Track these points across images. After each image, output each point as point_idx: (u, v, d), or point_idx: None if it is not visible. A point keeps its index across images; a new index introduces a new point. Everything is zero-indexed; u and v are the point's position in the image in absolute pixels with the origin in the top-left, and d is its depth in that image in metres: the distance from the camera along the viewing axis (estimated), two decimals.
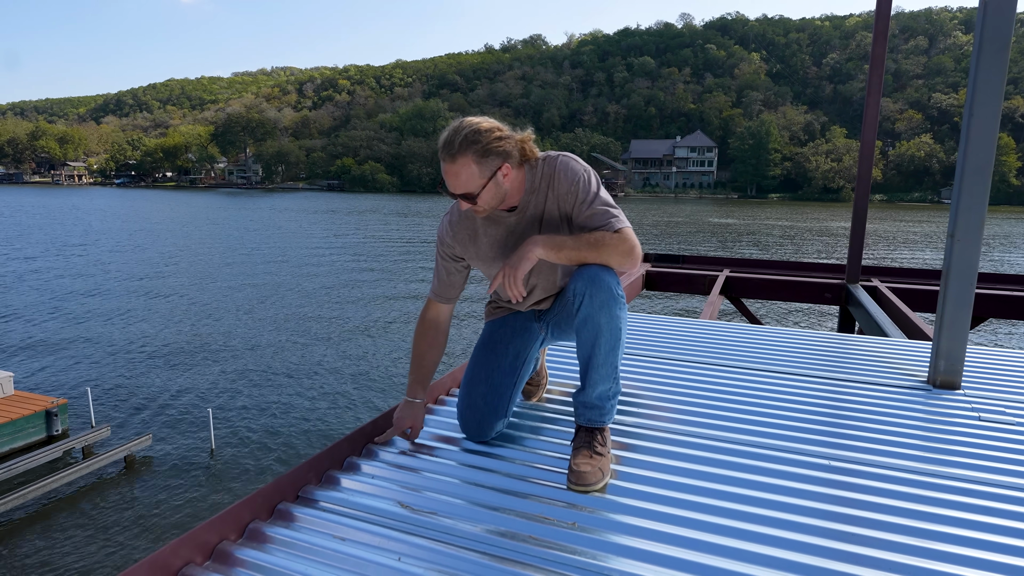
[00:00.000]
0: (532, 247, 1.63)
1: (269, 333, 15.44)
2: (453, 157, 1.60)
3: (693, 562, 1.34)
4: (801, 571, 1.31)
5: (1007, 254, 30.87)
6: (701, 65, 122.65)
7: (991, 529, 1.47)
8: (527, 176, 1.74)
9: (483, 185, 1.63)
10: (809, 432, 1.99)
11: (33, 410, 9.61)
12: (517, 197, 1.75)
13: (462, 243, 1.85)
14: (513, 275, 1.62)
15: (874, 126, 4.83)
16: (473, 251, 1.85)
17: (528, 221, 1.77)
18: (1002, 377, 2.59)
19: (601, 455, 1.69)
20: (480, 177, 1.62)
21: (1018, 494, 1.63)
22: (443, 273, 1.91)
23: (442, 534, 1.46)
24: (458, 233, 1.85)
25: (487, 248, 1.83)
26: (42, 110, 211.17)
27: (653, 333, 3.22)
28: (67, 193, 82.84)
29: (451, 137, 1.61)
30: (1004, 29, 2.15)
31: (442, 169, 1.64)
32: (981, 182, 2.25)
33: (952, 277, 2.35)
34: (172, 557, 1.31)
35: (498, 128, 1.64)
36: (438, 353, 1.97)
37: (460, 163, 1.60)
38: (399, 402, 2.00)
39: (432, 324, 1.95)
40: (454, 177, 1.62)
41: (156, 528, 7.43)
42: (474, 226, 1.83)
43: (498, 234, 1.80)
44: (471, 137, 1.60)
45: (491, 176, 1.63)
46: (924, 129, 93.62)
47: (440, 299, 1.94)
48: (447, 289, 1.93)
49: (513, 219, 1.77)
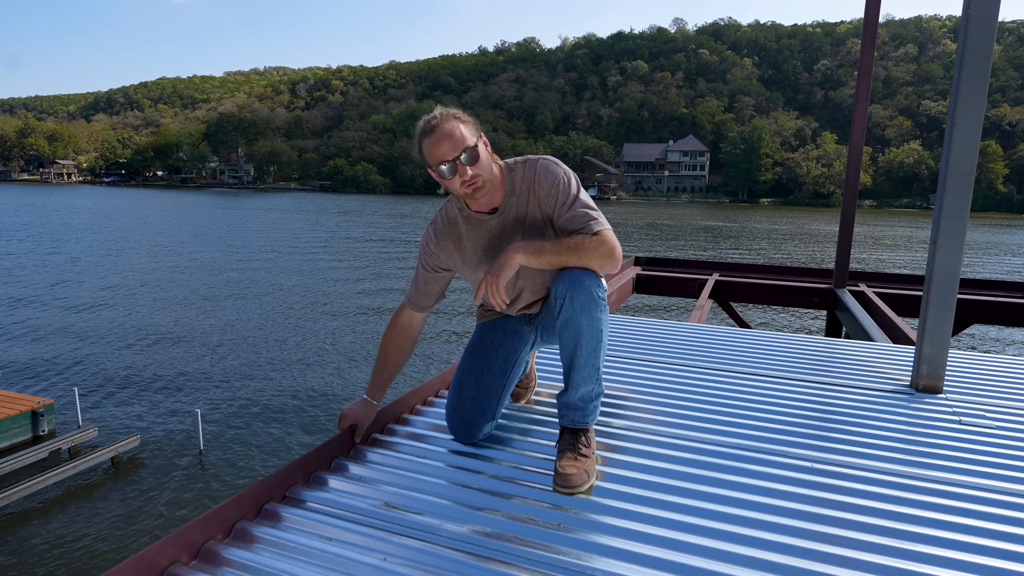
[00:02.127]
0: (513, 254, 1.64)
1: (257, 333, 15.37)
2: (439, 125, 1.63)
3: (677, 563, 1.35)
4: (784, 572, 1.33)
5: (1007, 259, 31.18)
6: (694, 70, 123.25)
7: (971, 531, 1.49)
8: (506, 178, 1.77)
9: (477, 139, 1.66)
10: (794, 435, 2.02)
11: (19, 410, 9.51)
12: (498, 197, 1.76)
13: (447, 250, 1.86)
14: (495, 283, 1.63)
15: (862, 133, 4.88)
16: (458, 257, 1.86)
17: (511, 224, 1.78)
18: (983, 381, 2.63)
19: (586, 456, 1.70)
20: (471, 135, 1.66)
21: (997, 496, 1.66)
22: (421, 282, 1.92)
23: (428, 534, 1.47)
24: (442, 240, 1.85)
25: (471, 253, 1.84)
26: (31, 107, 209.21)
27: (642, 336, 3.24)
28: (54, 191, 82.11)
29: (429, 117, 1.66)
30: (986, 40, 2.19)
31: (431, 144, 1.63)
32: (963, 189, 2.28)
33: (935, 283, 2.38)
34: (158, 556, 1.31)
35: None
36: (403, 358, 1.98)
37: (448, 126, 1.63)
38: (385, 404, 2.01)
39: (403, 329, 1.96)
40: (449, 138, 1.62)
41: (143, 528, 7.38)
42: (458, 232, 1.84)
43: (481, 238, 1.81)
44: (448, 111, 1.67)
45: (478, 138, 1.67)
46: (913, 136, 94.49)
47: (414, 307, 1.95)
48: (422, 298, 1.93)
49: (495, 221, 1.79)
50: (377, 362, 1.96)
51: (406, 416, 2.15)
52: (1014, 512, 1.58)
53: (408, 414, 2.18)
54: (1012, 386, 2.57)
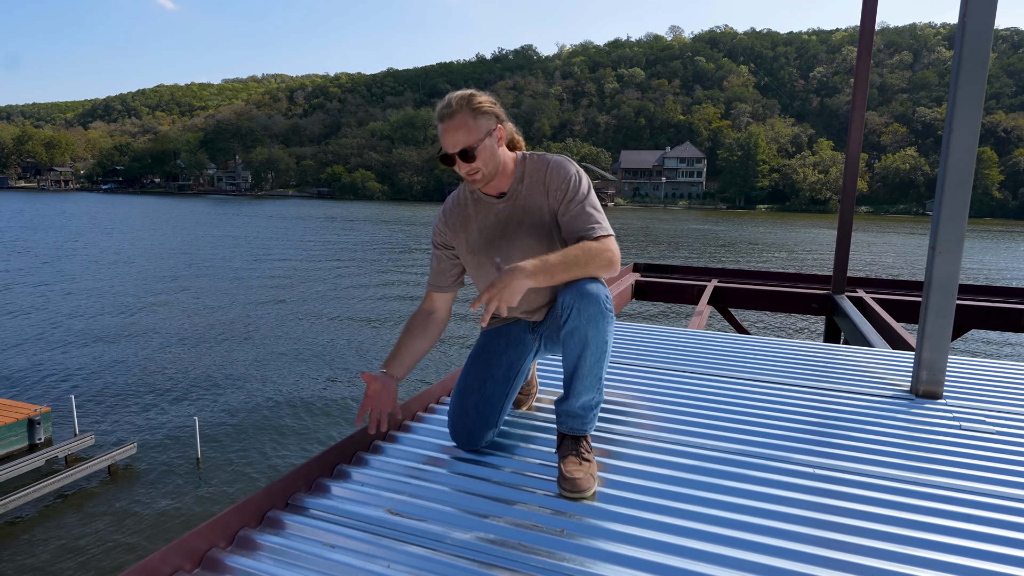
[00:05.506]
0: (522, 280, 1.57)
1: (256, 340, 15.34)
2: (452, 114, 1.69)
3: (679, 568, 1.36)
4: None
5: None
6: (690, 77, 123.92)
7: (971, 536, 1.50)
8: (518, 164, 1.82)
9: (480, 140, 1.69)
10: (794, 440, 2.02)
11: (15, 418, 9.46)
12: (507, 182, 1.81)
13: (454, 229, 1.90)
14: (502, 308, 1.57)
15: (859, 139, 4.91)
16: (463, 238, 1.89)
17: (517, 210, 1.82)
18: (983, 387, 2.64)
19: (589, 461, 1.71)
20: (477, 132, 1.69)
21: (997, 501, 1.66)
22: (435, 262, 1.96)
23: (432, 541, 1.47)
24: (450, 219, 1.90)
25: (476, 234, 1.87)
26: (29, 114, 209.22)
27: (642, 342, 3.25)
28: (49, 198, 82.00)
29: (447, 100, 1.72)
30: (982, 48, 2.21)
31: (440, 132, 1.72)
32: (961, 196, 2.30)
33: (933, 289, 2.40)
34: (161, 564, 1.31)
35: (490, 96, 1.75)
36: (424, 341, 1.94)
37: (458, 119, 1.68)
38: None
39: (425, 312, 1.97)
40: (453, 133, 1.68)
41: (140, 537, 7.34)
42: (467, 213, 1.88)
43: (488, 221, 1.85)
44: (467, 97, 1.70)
45: (487, 134, 1.71)
46: (909, 142, 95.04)
47: (435, 288, 1.97)
48: (440, 277, 1.96)
49: (502, 205, 1.83)
50: (399, 339, 1.94)
51: (408, 423, 2.15)
52: (1014, 517, 1.58)
53: (410, 420, 2.18)
54: (1012, 391, 2.58)
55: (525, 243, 1.80)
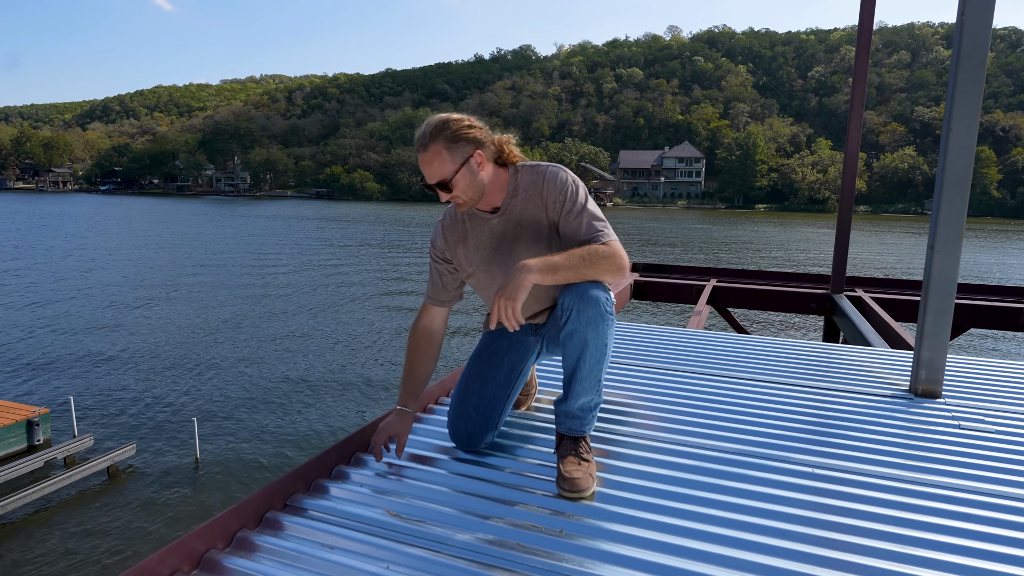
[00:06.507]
0: (526, 275, 1.59)
1: (254, 341, 15.33)
2: (425, 146, 1.67)
3: (679, 568, 1.35)
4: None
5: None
6: (689, 77, 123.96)
7: (970, 535, 1.50)
8: (510, 178, 1.79)
9: (455, 171, 1.67)
10: (793, 440, 2.02)
11: (14, 419, 9.45)
12: (499, 197, 1.79)
13: (452, 245, 1.89)
14: (512, 306, 1.58)
15: (857, 139, 4.91)
16: (463, 253, 1.88)
17: (512, 224, 1.80)
18: (981, 386, 2.64)
19: (588, 461, 1.71)
20: (452, 163, 1.67)
21: (997, 500, 1.66)
22: (435, 275, 1.95)
23: (431, 542, 1.47)
24: (449, 236, 1.89)
25: (474, 250, 1.86)
26: (27, 115, 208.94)
27: (641, 342, 3.25)
28: (48, 199, 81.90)
29: (423, 129, 1.69)
30: (980, 47, 2.21)
31: (419, 161, 1.71)
32: (959, 195, 2.30)
33: (932, 288, 2.40)
34: (159, 566, 1.30)
35: (468, 119, 1.71)
36: (430, 363, 1.95)
37: (432, 151, 1.66)
38: (388, 410, 1.99)
39: (424, 332, 1.95)
40: (428, 165, 1.68)
41: (139, 538, 7.33)
42: (464, 228, 1.87)
43: (484, 236, 1.84)
44: (440, 126, 1.67)
45: (463, 163, 1.68)
46: (907, 141, 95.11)
47: (434, 302, 1.96)
48: (440, 291, 1.95)
49: (496, 220, 1.81)
50: (404, 371, 1.95)
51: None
52: (1013, 516, 1.58)
53: None
54: (1011, 390, 2.58)
55: (524, 256, 1.77)
